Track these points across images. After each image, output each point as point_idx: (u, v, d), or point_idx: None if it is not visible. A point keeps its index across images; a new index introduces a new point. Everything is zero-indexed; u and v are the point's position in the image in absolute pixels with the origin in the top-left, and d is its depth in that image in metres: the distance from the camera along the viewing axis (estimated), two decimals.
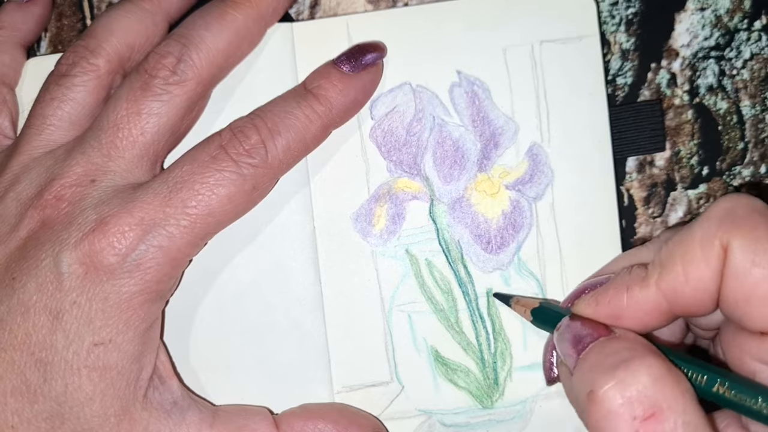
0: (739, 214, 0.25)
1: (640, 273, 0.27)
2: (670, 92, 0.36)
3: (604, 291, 0.27)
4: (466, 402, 0.34)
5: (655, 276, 0.26)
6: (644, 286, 0.26)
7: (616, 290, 0.27)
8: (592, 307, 0.28)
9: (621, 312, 0.27)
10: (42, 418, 0.28)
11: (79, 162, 0.30)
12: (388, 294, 0.34)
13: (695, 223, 0.26)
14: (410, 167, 0.34)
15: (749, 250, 0.24)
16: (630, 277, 0.27)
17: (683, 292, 0.25)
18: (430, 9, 0.34)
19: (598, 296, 0.28)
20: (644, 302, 0.26)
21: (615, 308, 0.27)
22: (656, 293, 0.26)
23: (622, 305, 0.27)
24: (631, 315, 0.27)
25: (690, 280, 0.25)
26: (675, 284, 0.26)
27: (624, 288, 0.27)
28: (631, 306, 0.27)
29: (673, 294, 0.26)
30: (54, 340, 0.28)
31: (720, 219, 0.25)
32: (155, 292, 0.29)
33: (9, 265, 0.29)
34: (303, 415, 0.32)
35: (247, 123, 0.31)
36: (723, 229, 0.25)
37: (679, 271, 0.25)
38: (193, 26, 0.31)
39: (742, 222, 0.25)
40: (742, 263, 0.24)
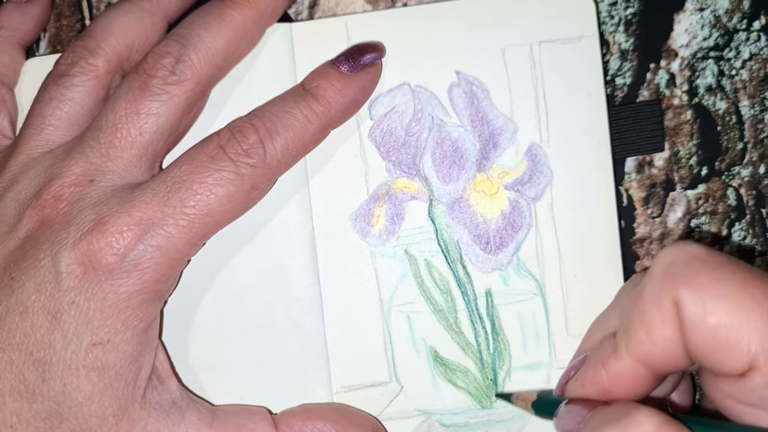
0: (679, 265, 0.25)
1: (610, 345, 0.27)
2: (669, 92, 0.36)
3: (584, 372, 0.28)
4: (465, 402, 0.34)
5: (623, 346, 0.26)
6: (617, 357, 0.26)
7: (594, 369, 0.27)
8: (579, 390, 0.28)
9: (605, 388, 0.27)
10: (40, 418, 0.28)
11: (77, 162, 0.30)
12: (387, 294, 0.34)
13: (643, 284, 0.26)
14: (409, 167, 0.34)
15: (697, 301, 0.24)
16: (603, 351, 0.27)
17: (654, 354, 0.25)
18: (429, 9, 0.34)
19: (582, 378, 0.28)
20: (623, 373, 0.26)
21: (599, 386, 0.27)
22: (630, 361, 0.26)
23: (604, 381, 0.27)
24: (617, 388, 0.27)
25: (655, 341, 0.25)
26: (643, 349, 0.26)
27: (600, 364, 0.27)
28: (613, 380, 0.27)
29: (646, 358, 0.26)
30: (52, 339, 0.28)
31: (663, 276, 0.25)
32: (153, 291, 0.29)
33: (7, 265, 0.29)
34: (302, 415, 0.32)
35: (245, 123, 0.31)
36: (668, 286, 0.25)
37: (642, 336, 0.25)
38: (192, 26, 0.31)
39: (683, 273, 0.25)
40: (695, 315, 0.24)
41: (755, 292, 0.24)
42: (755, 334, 0.23)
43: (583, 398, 0.28)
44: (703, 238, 0.36)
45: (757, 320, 0.23)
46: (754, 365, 0.23)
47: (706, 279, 0.24)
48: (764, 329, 0.23)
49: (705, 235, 0.36)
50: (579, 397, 0.28)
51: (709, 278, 0.24)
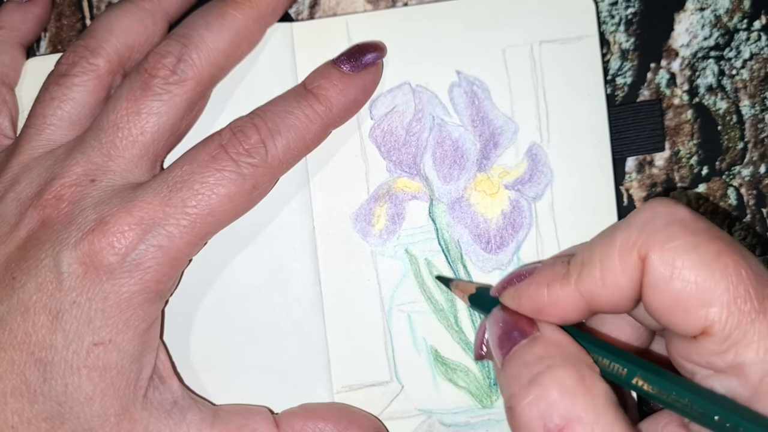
0: (659, 224, 0.25)
1: (561, 270, 0.27)
2: (669, 92, 0.36)
3: (526, 285, 0.28)
4: (466, 401, 0.34)
5: (575, 276, 0.26)
6: (564, 284, 0.26)
7: (537, 286, 0.27)
8: (516, 300, 0.28)
9: (541, 308, 0.27)
10: (42, 418, 0.28)
11: (79, 162, 0.30)
12: (387, 294, 0.34)
13: (617, 228, 0.26)
14: (410, 167, 0.34)
15: (667, 263, 0.24)
16: (551, 272, 0.27)
17: (600, 295, 0.26)
18: (430, 9, 0.34)
19: (521, 290, 0.28)
20: (563, 300, 0.27)
21: (536, 303, 0.27)
22: (575, 292, 0.26)
23: (542, 302, 0.27)
24: (551, 311, 0.27)
25: (607, 285, 0.25)
26: (592, 287, 0.26)
27: (545, 284, 0.27)
28: (551, 302, 0.27)
29: (590, 295, 0.26)
30: (54, 339, 0.28)
31: (639, 229, 0.25)
32: (155, 291, 0.29)
33: (9, 265, 0.29)
34: (303, 414, 0.32)
35: (246, 122, 0.31)
36: (642, 240, 0.25)
37: (596, 276, 0.26)
38: (193, 26, 0.31)
39: (661, 233, 0.25)
40: (661, 275, 0.24)
41: (727, 263, 0.24)
42: (716, 304, 0.23)
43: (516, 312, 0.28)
44: None
45: (722, 290, 0.23)
46: (707, 331, 0.24)
47: (682, 243, 0.24)
48: (726, 300, 0.23)
49: None
50: (512, 308, 0.28)
51: (685, 242, 0.24)
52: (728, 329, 0.23)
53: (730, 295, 0.23)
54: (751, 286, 0.24)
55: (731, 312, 0.23)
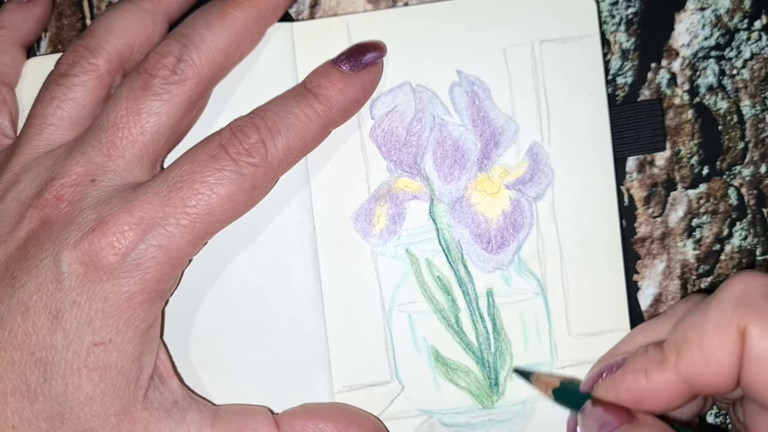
0: (755, 297, 0.25)
1: (656, 355, 0.26)
2: (670, 92, 0.36)
3: (622, 376, 0.27)
4: (467, 402, 0.34)
5: (673, 360, 0.26)
6: (662, 369, 0.26)
7: (635, 375, 0.27)
8: (612, 392, 0.27)
9: (642, 396, 0.27)
10: (42, 418, 0.28)
11: (79, 161, 0.30)
12: (388, 294, 0.34)
13: (710, 305, 0.25)
14: (410, 167, 0.34)
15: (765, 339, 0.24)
16: (647, 359, 0.27)
17: (703, 375, 0.25)
18: (430, 9, 0.34)
19: (617, 381, 0.27)
20: (664, 386, 0.26)
21: (635, 393, 0.27)
22: (676, 377, 0.26)
23: (642, 390, 0.26)
24: (652, 399, 0.26)
25: (710, 364, 0.25)
26: (694, 368, 0.25)
27: (642, 372, 0.26)
28: (651, 390, 0.26)
29: (693, 377, 0.25)
30: (54, 339, 0.28)
31: (735, 303, 0.25)
32: (155, 291, 0.29)
33: (9, 265, 0.29)
34: (304, 414, 0.32)
35: (246, 122, 0.31)
36: (739, 314, 0.24)
37: (697, 356, 0.25)
38: (193, 26, 0.31)
39: (758, 306, 0.24)
40: (762, 350, 0.24)
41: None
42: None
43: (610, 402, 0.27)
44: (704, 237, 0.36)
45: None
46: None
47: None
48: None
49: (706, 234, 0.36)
50: (609, 399, 0.27)
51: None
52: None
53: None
54: None
55: None
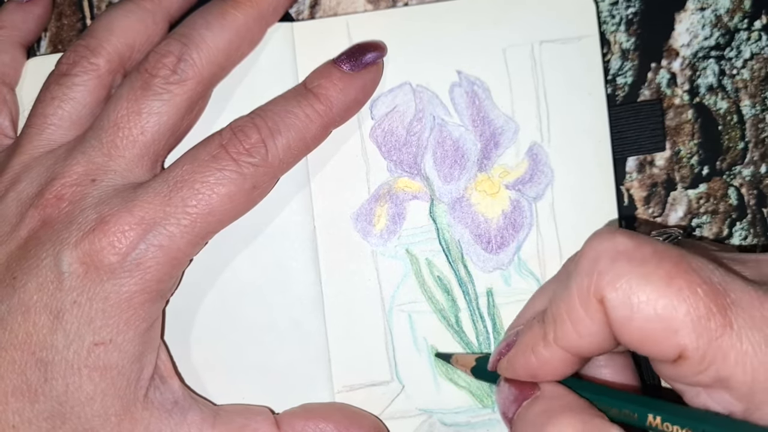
0: (604, 264, 0.25)
1: (539, 331, 0.27)
2: (670, 92, 0.36)
3: (514, 355, 0.28)
4: (467, 401, 0.34)
5: (551, 335, 0.26)
6: (546, 345, 0.27)
7: (524, 353, 0.27)
8: (510, 371, 0.28)
9: (535, 372, 0.27)
10: (43, 418, 0.28)
11: (79, 161, 0.30)
12: (388, 293, 0.34)
13: (571, 275, 0.26)
14: (410, 167, 0.34)
15: (623, 302, 0.24)
16: (531, 336, 0.27)
17: (580, 345, 0.26)
18: (430, 9, 0.34)
19: (511, 360, 0.28)
20: (551, 358, 0.27)
21: (529, 369, 0.27)
22: (558, 349, 0.26)
23: (534, 366, 0.27)
24: (545, 371, 0.27)
25: (583, 335, 0.25)
26: (570, 341, 0.26)
27: (529, 349, 0.27)
28: (541, 364, 0.27)
29: (573, 348, 0.26)
30: (54, 339, 0.28)
31: (588, 273, 0.25)
32: (155, 291, 0.29)
33: (10, 265, 0.29)
34: (304, 414, 0.32)
35: (247, 122, 0.31)
36: (594, 284, 0.25)
37: (569, 329, 0.26)
38: (193, 25, 0.31)
39: (609, 273, 0.24)
40: (621, 316, 0.24)
41: (681, 286, 0.24)
42: (682, 329, 0.23)
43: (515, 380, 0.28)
44: (704, 238, 0.36)
45: (684, 315, 0.23)
46: (683, 356, 0.24)
47: (631, 278, 0.24)
48: (690, 323, 0.23)
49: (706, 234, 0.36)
50: (511, 377, 0.28)
51: (634, 276, 0.24)
52: (701, 349, 0.23)
53: (693, 317, 0.23)
54: (711, 302, 0.23)
55: (699, 333, 0.23)
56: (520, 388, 0.28)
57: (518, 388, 0.28)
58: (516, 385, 0.28)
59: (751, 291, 0.24)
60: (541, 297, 0.30)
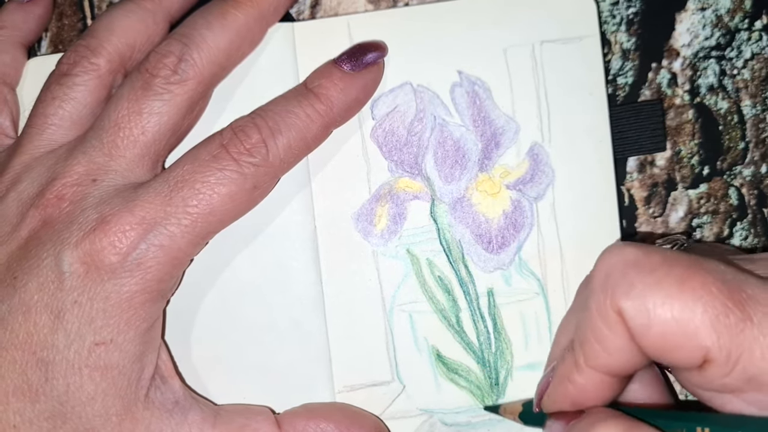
0: (616, 277, 0.25)
1: (570, 360, 0.27)
2: (670, 92, 0.36)
3: (554, 390, 0.28)
4: (467, 401, 0.34)
5: (582, 360, 0.26)
6: (579, 372, 0.26)
7: (562, 385, 0.27)
8: (555, 406, 0.28)
9: (577, 400, 0.27)
10: (44, 418, 0.28)
11: (80, 161, 0.30)
12: (389, 294, 0.34)
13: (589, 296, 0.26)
14: (411, 167, 0.34)
15: (640, 311, 0.24)
16: (565, 366, 0.27)
17: (611, 364, 0.26)
18: (431, 9, 0.34)
19: (552, 396, 0.28)
20: (589, 384, 0.26)
21: (571, 400, 0.27)
22: (592, 373, 0.26)
23: (574, 395, 0.27)
24: (586, 398, 0.27)
25: (611, 352, 0.25)
26: (600, 361, 0.26)
27: (566, 380, 0.27)
28: (581, 392, 0.27)
29: (606, 368, 0.26)
30: (55, 339, 0.28)
31: (602, 288, 0.25)
32: (156, 291, 0.29)
33: (10, 265, 0.29)
34: (305, 414, 0.32)
35: (248, 122, 0.31)
36: (609, 298, 0.25)
37: (598, 350, 0.25)
38: (194, 25, 0.31)
39: (621, 284, 0.24)
40: (641, 326, 0.24)
41: (694, 286, 0.24)
42: (702, 329, 0.23)
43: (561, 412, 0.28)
44: (704, 237, 0.36)
45: (701, 314, 0.23)
46: (708, 358, 0.24)
47: (644, 286, 0.24)
48: (709, 322, 0.23)
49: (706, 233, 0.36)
50: (555, 411, 0.28)
51: (647, 284, 0.24)
52: (725, 349, 0.23)
53: (711, 316, 0.23)
54: (726, 298, 0.23)
55: (719, 332, 0.23)
56: (567, 418, 0.27)
57: (564, 418, 0.28)
58: (562, 417, 0.28)
59: (766, 287, 0.24)
60: (564, 331, 0.30)
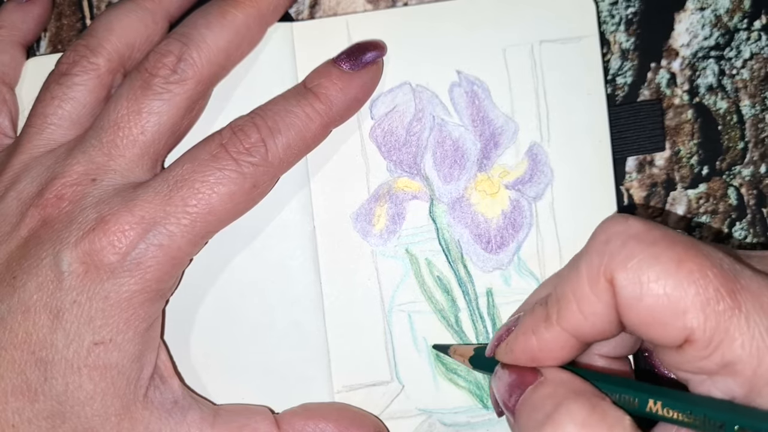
0: (616, 244, 0.25)
1: (541, 314, 0.27)
2: (669, 92, 0.36)
3: (515, 338, 0.28)
4: (467, 401, 0.34)
5: (555, 316, 0.26)
6: (548, 326, 0.26)
7: (525, 335, 0.27)
8: (510, 355, 0.28)
9: (535, 355, 0.27)
10: (43, 417, 0.28)
11: (79, 161, 0.30)
12: (388, 293, 0.34)
13: (581, 257, 0.26)
14: (410, 167, 0.34)
15: (633, 281, 0.24)
16: (533, 318, 0.27)
17: (584, 327, 0.26)
18: (430, 9, 0.34)
19: (511, 344, 0.28)
20: (553, 341, 0.26)
21: (529, 352, 0.27)
22: (561, 331, 0.26)
23: (534, 348, 0.27)
24: (545, 355, 0.27)
25: (587, 316, 0.25)
26: (575, 322, 0.26)
27: (530, 331, 0.27)
28: (542, 347, 0.27)
29: (575, 330, 0.26)
30: (54, 339, 0.28)
31: (599, 253, 0.25)
32: (155, 291, 0.29)
33: (10, 264, 0.29)
34: (304, 414, 0.32)
35: (247, 122, 0.31)
36: (604, 264, 0.25)
37: (574, 309, 0.26)
38: (193, 25, 0.31)
39: (620, 253, 0.24)
40: (631, 294, 0.24)
41: (692, 268, 0.24)
42: (691, 310, 0.23)
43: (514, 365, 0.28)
44: (703, 237, 0.36)
45: (693, 296, 0.23)
46: (689, 339, 0.24)
47: (642, 258, 0.24)
48: (699, 304, 0.23)
49: (705, 233, 0.36)
50: (509, 362, 0.28)
51: (645, 257, 0.24)
52: (709, 332, 0.23)
53: (702, 299, 0.23)
54: (720, 285, 0.24)
55: (707, 315, 0.23)
56: (521, 374, 0.27)
57: (519, 373, 0.27)
58: (516, 371, 0.27)
59: (760, 279, 0.24)
60: (544, 287, 0.30)
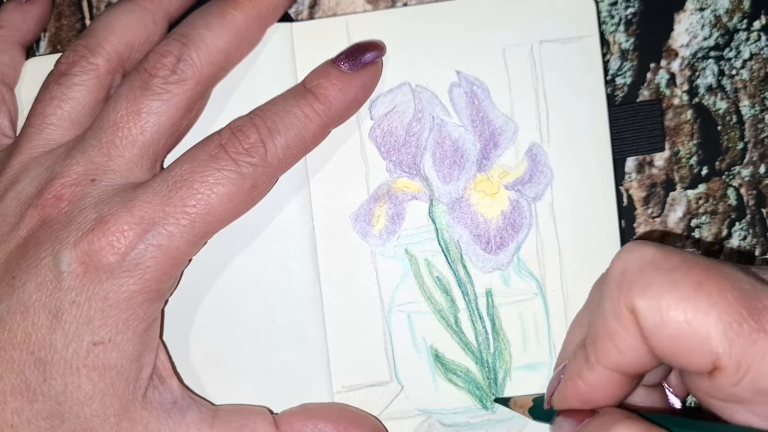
0: (632, 273, 0.25)
1: (582, 356, 0.27)
2: (669, 92, 0.36)
3: (564, 386, 0.28)
4: (466, 402, 0.34)
5: (593, 357, 0.26)
6: (590, 368, 0.26)
7: (572, 381, 0.27)
8: (564, 402, 0.28)
9: (587, 398, 0.27)
10: (41, 417, 0.28)
11: (79, 161, 0.30)
12: (387, 294, 0.34)
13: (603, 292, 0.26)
14: (410, 167, 0.34)
15: (654, 310, 0.24)
16: (576, 363, 0.27)
17: (623, 362, 0.26)
18: (429, 9, 0.34)
19: (562, 392, 0.28)
20: (600, 382, 0.26)
21: (580, 397, 0.27)
22: (603, 371, 0.26)
23: (584, 392, 0.27)
24: (596, 395, 0.27)
25: (623, 350, 0.25)
26: (612, 359, 0.26)
27: (576, 377, 0.27)
28: (591, 389, 0.27)
29: (616, 366, 0.26)
30: (53, 339, 0.28)
31: (618, 285, 0.25)
32: (154, 291, 0.29)
33: (9, 264, 0.29)
34: (303, 414, 0.32)
35: (246, 122, 0.31)
36: (624, 296, 0.24)
37: (610, 346, 0.25)
38: (193, 25, 0.31)
39: (637, 282, 0.24)
40: (653, 324, 0.24)
41: (711, 291, 0.23)
42: (714, 335, 0.23)
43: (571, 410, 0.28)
44: (702, 239, 0.36)
45: (715, 321, 0.23)
46: (718, 365, 0.23)
47: (660, 285, 0.24)
48: (722, 329, 0.23)
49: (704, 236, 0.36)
50: (565, 408, 0.28)
51: (663, 284, 0.24)
52: (735, 357, 0.23)
53: (725, 323, 0.23)
54: (742, 307, 0.23)
55: (731, 339, 0.23)
56: (577, 417, 0.27)
57: (575, 416, 0.27)
58: (572, 415, 0.27)
59: None
60: (576, 328, 0.30)
